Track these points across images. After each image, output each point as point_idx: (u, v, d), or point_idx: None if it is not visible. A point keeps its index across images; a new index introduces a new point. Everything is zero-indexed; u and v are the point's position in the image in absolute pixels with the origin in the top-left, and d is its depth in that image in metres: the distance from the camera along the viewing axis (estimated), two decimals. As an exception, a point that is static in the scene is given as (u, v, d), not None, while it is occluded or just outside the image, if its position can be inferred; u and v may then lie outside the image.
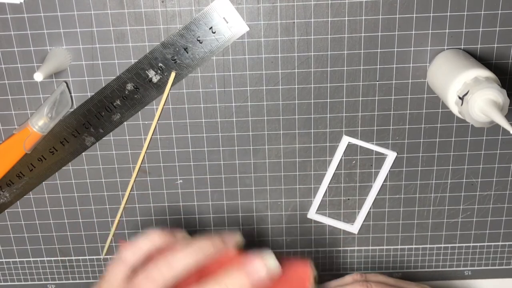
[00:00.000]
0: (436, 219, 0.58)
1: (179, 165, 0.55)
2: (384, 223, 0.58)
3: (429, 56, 0.51)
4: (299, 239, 0.59)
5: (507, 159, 0.55)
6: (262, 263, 0.40)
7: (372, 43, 0.51)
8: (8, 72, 0.52)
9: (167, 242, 0.42)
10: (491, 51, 0.51)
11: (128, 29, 0.50)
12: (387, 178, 0.56)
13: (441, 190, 0.57)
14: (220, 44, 0.51)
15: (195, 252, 0.40)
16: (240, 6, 0.50)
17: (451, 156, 0.55)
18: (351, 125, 0.54)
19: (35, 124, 0.51)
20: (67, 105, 0.52)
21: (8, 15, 0.49)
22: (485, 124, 0.44)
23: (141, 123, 0.54)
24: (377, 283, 0.51)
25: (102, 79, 0.52)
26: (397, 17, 0.50)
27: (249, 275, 0.39)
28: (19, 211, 0.57)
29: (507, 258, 0.60)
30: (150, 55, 0.51)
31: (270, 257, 0.40)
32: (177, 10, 0.50)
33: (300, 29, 0.50)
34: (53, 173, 0.55)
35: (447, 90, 0.46)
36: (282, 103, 0.53)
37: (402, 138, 0.54)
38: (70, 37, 0.50)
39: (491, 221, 0.58)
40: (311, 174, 0.56)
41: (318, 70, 0.52)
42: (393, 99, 0.53)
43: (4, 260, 0.60)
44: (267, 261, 0.40)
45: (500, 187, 0.56)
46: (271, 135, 0.54)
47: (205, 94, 0.53)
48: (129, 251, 0.42)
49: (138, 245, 0.42)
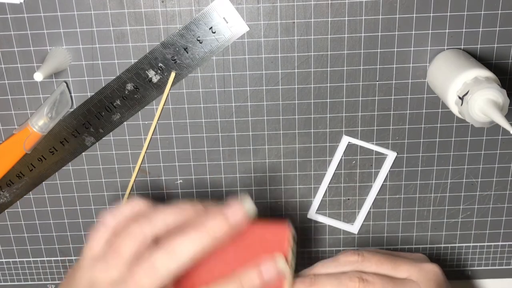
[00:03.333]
0: (436, 219, 0.58)
1: (179, 165, 0.55)
2: (384, 223, 0.58)
3: (429, 56, 0.51)
4: (299, 239, 0.59)
5: (507, 159, 0.55)
6: (239, 206, 0.41)
7: (372, 43, 0.51)
8: (8, 72, 0.52)
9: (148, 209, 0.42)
10: (491, 51, 0.51)
11: (128, 29, 0.50)
12: (387, 178, 0.56)
13: (441, 190, 0.57)
14: (220, 44, 0.51)
15: (175, 212, 0.41)
16: (240, 6, 0.50)
17: (451, 156, 0.55)
18: (351, 125, 0.54)
19: (35, 124, 0.51)
20: (67, 105, 0.52)
21: (8, 15, 0.49)
22: (485, 124, 0.44)
23: (141, 123, 0.54)
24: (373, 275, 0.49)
25: (102, 79, 0.52)
26: (397, 17, 0.50)
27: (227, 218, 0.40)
28: (19, 211, 0.57)
29: (507, 258, 0.60)
30: (150, 55, 0.51)
31: (247, 201, 0.41)
32: (177, 10, 0.50)
33: (300, 29, 0.50)
34: (53, 173, 0.55)
35: (447, 90, 0.46)
36: (282, 103, 0.53)
37: (402, 138, 0.54)
38: (70, 37, 0.50)
39: (491, 221, 0.58)
40: (311, 174, 0.56)
41: (318, 70, 0.52)
42: (393, 99, 0.53)
43: (4, 260, 0.60)
44: (245, 204, 0.41)
45: (500, 187, 0.56)
46: (271, 135, 0.54)
47: (205, 94, 0.53)
48: (110, 216, 0.42)
49: (119, 210, 0.42)
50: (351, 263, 0.49)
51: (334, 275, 0.48)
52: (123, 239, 0.40)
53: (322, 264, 0.50)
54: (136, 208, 0.43)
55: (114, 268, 0.39)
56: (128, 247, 0.39)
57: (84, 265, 0.41)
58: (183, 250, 0.39)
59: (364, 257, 0.49)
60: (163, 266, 0.38)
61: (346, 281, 0.47)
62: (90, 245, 0.42)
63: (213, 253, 0.41)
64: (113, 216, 0.42)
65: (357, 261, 0.49)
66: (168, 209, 0.41)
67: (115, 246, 0.40)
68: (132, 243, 0.39)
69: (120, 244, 0.40)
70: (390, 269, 0.49)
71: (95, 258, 0.41)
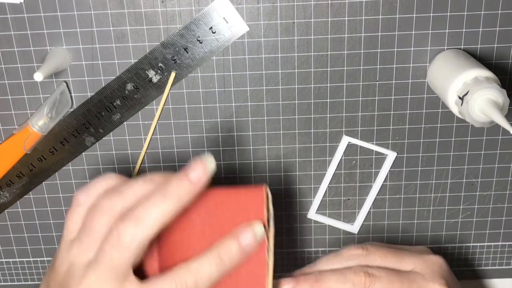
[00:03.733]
0: (436, 219, 0.58)
1: (179, 165, 0.55)
2: (384, 223, 0.58)
3: (429, 56, 0.51)
4: (299, 239, 0.59)
5: (507, 159, 0.55)
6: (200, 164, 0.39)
7: (372, 43, 0.51)
8: (8, 72, 0.52)
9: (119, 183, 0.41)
10: (491, 51, 0.51)
11: (128, 29, 0.50)
12: (387, 178, 0.56)
13: (441, 190, 0.57)
14: (220, 44, 0.51)
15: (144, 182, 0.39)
16: (240, 6, 0.50)
17: (451, 156, 0.55)
18: (351, 125, 0.54)
19: (35, 124, 0.51)
20: (67, 105, 0.52)
21: (8, 15, 0.49)
22: (485, 124, 0.44)
23: (141, 123, 0.54)
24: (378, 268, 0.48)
25: (102, 79, 0.52)
26: (397, 17, 0.50)
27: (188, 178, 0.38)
28: (19, 211, 0.57)
29: (507, 258, 0.60)
30: (150, 55, 0.51)
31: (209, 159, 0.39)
32: (177, 10, 0.50)
33: (300, 29, 0.50)
34: (53, 173, 0.55)
35: (447, 90, 0.46)
36: (282, 103, 0.53)
37: (402, 138, 0.54)
38: (70, 37, 0.50)
39: (491, 221, 0.58)
40: (311, 174, 0.56)
41: (318, 70, 0.52)
42: (393, 99, 0.53)
43: (4, 260, 0.60)
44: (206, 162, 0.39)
45: (500, 187, 0.56)
46: (271, 135, 0.54)
47: (205, 94, 0.53)
48: (82, 194, 0.41)
49: (91, 187, 0.41)
50: (355, 257, 0.49)
51: (339, 270, 0.47)
52: (95, 216, 0.38)
53: (326, 259, 0.49)
54: (108, 183, 0.41)
55: (89, 248, 0.38)
56: (100, 224, 0.38)
57: (62, 248, 0.40)
58: (149, 217, 0.37)
59: (368, 251, 0.49)
60: (130, 238, 0.37)
61: (351, 276, 0.46)
62: (67, 226, 0.40)
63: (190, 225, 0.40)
64: (86, 193, 0.40)
65: (361, 255, 0.48)
66: (137, 181, 0.40)
67: (87, 225, 0.39)
68: (105, 219, 0.38)
69: (92, 222, 0.38)
70: (394, 262, 0.48)
71: (71, 239, 0.40)
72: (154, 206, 0.37)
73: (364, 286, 0.46)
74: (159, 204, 0.37)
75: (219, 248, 0.39)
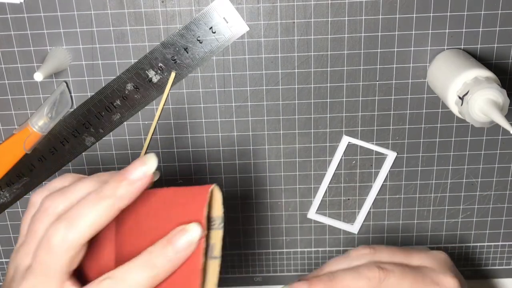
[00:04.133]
0: (436, 219, 0.58)
1: (179, 165, 0.55)
2: (384, 223, 0.58)
3: (429, 56, 0.51)
4: (299, 239, 0.59)
5: (507, 159, 0.55)
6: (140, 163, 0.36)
7: (372, 43, 0.51)
8: (8, 72, 0.52)
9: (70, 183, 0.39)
10: (491, 51, 0.51)
11: (128, 29, 0.50)
12: (387, 178, 0.56)
13: (441, 190, 0.57)
14: (220, 44, 0.51)
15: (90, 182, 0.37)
16: (240, 6, 0.50)
17: (451, 156, 0.55)
18: (351, 125, 0.54)
19: (35, 124, 0.51)
20: (67, 105, 0.52)
21: (8, 15, 0.49)
22: (485, 124, 0.44)
23: (141, 123, 0.54)
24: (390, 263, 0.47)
25: (102, 79, 0.52)
26: (397, 17, 0.50)
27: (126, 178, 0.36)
28: (19, 211, 0.57)
29: (507, 258, 0.60)
30: (150, 55, 0.51)
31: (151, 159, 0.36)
32: (177, 10, 0.50)
33: (300, 29, 0.50)
34: (53, 173, 0.55)
35: (447, 90, 0.46)
36: (282, 103, 0.53)
37: (402, 138, 0.54)
38: (70, 37, 0.50)
39: (491, 221, 0.58)
40: (311, 174, 0.56)
41: (318, 70, 0.52)
42: (393, 99, 0.53)
43: (4, 260, 0.60)
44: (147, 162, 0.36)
45: (500, 187, 0.56)
46: (271, 135, 0.54)
47: (205, 94, 0.53)
48: (37, 195, 0.39)
49: (46, 187, 0.39)
50: (364, 256, 0.48)
51: (352, 268, 0.47)
52: (38, 218, 0.37)
53: (334, 261, 0.49)
54: (63, 182, 0.39)
55: (30, 250, 0.36)
56: (41, 226, 0.36)
57: (14, 251, 0.39)
58: (81, 218, 0.35)
59: (375, 249, 0.49)
60: (60, 240, 0.34)
61: (365, 272, 0.46)
62: (20, 229, 0.39)
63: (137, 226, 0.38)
64: (40, 194, 0.39)
65: (370, 253, 0.48)
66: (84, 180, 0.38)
67: (31, 227, 0.37)
68: (46, 221, 0.36)
69: (34, 224, 0.37)
70: (403, 258, 0.48)
71: (20, 242, 0.38)
72: (86, 207, 0.35)
73: (379, 280, 0.46)
74: (92, 205, 0.35)
75: (151, 253, 0.36)
